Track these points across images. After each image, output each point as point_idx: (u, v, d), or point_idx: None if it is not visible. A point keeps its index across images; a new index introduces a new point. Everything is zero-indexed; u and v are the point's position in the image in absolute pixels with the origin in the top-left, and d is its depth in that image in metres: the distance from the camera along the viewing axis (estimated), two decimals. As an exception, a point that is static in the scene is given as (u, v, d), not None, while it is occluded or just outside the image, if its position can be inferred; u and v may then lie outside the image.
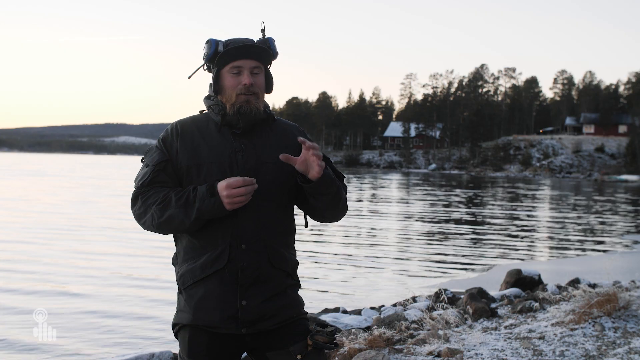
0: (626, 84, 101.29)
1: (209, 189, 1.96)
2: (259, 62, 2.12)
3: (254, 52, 2.09)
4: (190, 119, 2.18)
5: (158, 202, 2.01)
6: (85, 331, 6.06)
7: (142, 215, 2.05)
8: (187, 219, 1.97)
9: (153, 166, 2.07)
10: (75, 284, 8.23)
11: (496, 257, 11.66)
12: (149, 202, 2.03)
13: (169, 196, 2.00)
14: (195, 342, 2.06)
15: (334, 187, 2.07)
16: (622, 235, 16.09)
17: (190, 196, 1.97)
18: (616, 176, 66.20)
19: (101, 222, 16.02)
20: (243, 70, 2.08)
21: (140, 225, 2.10)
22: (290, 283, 2.14)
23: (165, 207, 1.99)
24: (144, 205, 2.04)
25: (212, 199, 1.94)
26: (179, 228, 2.02)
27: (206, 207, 1.94)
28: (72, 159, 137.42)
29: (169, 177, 2.07)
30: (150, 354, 4.48)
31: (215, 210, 1.95)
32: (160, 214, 2.00)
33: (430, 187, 41.53)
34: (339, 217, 2.21)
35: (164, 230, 2.06)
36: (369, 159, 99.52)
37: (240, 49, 2.07)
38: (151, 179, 2.06)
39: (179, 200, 1.98)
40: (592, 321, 4.89)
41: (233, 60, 2.08)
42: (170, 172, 2.08)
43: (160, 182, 2.06)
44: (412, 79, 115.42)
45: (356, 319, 5.66)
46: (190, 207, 1.96)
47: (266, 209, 2.07)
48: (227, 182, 1.93)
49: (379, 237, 14.53)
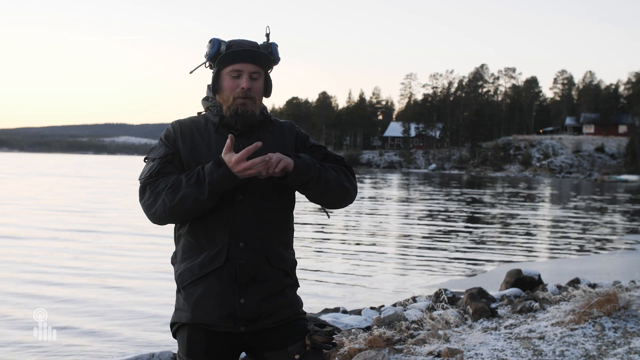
0: (626, 84, 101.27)
1: (215, 161, 1.96)
2: (259, 67, 2.12)
3: (255, 57, 2.10)
4: (189, 119, 2.19)
5: (168, 187, 2.00)
6: (85, 331, 6.06)
7: (152, 204, 2.03)
8: (201, 195, 1.96)
9: (160, 158, 2.08)
10: (75, 284, 8.23)
11: (496, 257, 11.66)
12: (159, 189, 2.02)
13: (179, 179, 2.01)
14: (194, 340, 2.06)
15: (315, 172, 2.05)
16: (622, 235, 16.09)
17: (200, 173, 1.98)
18: (616, 176, 66.19)
19: (101, 222, 16.02)
20: (242, 74, 2.09)
21: (149, 216, 2.07)
22: (289, 282, 2.14)
23: (177, 189, 1.98)
24: (154, 194, 2.02)
25: (220, 169, 1.94)
26: (193, 208, 1.99)
27: (217, 179, 1.94)
28: (73, 159, 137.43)
29: (176, 169, 2.08)
30: (150, 354, 4.48)
31: (226, 180, 1.95)
32: (172, 197, 1.98)
33: (430, 187, 41.53)
34: (343, 201, 2.18)
35: (176, 215, 2.02)
36: (369, 159, 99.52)
37: (241, 53, 2.08)
38: (159, 169, 2.06)
39: (189, 180, 1.98)
40: (592, 321, 4.89)
41: (233, 63, 2.09)
42: (177, 164, 2.09)
43: (168, 173, 2.06)
44: (412, 79, 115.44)
45: (356, 319, 5.65)
46: (202, 183, 1.96)
47: (265, 207, 2.08)
48: (236, 158, 1.92)
49: (379, 237, 14.53)
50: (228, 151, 1.95)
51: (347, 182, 2.17)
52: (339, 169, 2.18)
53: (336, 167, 2.17)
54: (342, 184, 2.14)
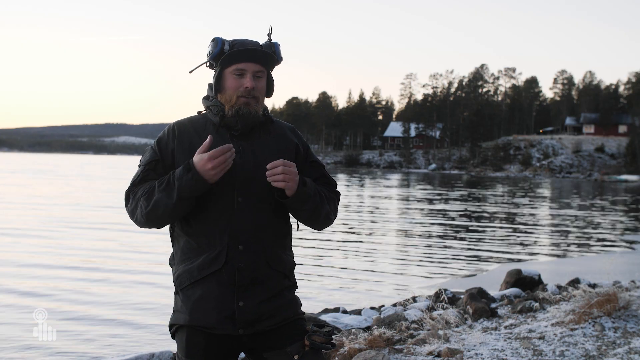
0: (626, 84, 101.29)
1: (185, 166, 1.96)
2: (263, 66, 2.12)
3: (259, 56, 2.09)
4: (188, 120, 2.18)
5: (145, 193, 2.02)
6: (85, 331, 6.06)
7: (134, 210, 2.05)
8: (169, 200, 1.95)
9: (144, 166, 2.09)
10: (75, 284, 8.22)
11: (496, 257, 11.66)
12: (138, 196, 2.04)
13: (153, 185, 2.02)
14: (193, 342, 2.06)
15: (311, 204, 2.07)
16: (622, 235, 16.09)
17: (170, 178, 1.98)
18: (616, 176, 66.18)
19: (101, 221, 16.01)
20: (246, 73, 2.08)
21: (134, 222, 2.10)
22: (287, 284, 2.14)
23: (150, 195, 2.00)
24: (134, 201, 2.05)
25: (189, 173, 1.93)
26: (165, 213, 1.99)
27: (185, 184, 1.93)
28: (74, 159, 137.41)
29: (158, 176, 2.08)
30: (150, 354, 4.48)
31: (196, 184, 1.94)
32: (146, 203, 2.00)
33: (430, 187, 41.52)
34: (321, 228, 2.21)
35: (153, 220, 2.03)
36: (369, 159, 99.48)
37: (245, 52, 2.07)
38: (141, 178, 2.08)
39: (160, 185, 1.99)
40: (592, 321, 4.89)
41: (237, 62, 2.07)
42: (160, 171, 2.09)
43: (150, 180, 2.07)
44: (412, 79, 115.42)
45: (356, 319, 5.65)
46: (171, 189, 1.96)
47: (263, 210, 2.07)
48: (208, 155, 1.91)
49: (379, 237, 14.53)
50: (201, 152, 1.95)
51: (333, 214, 2.20)
52: (330, 198, 2.19)
53: (329, 195, 2.19)
54: (328, 217, 2.17)
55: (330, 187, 2.23)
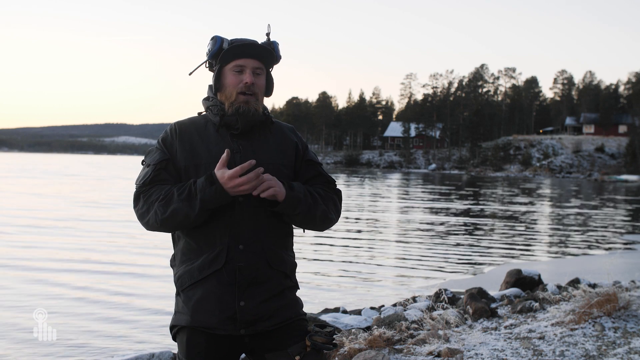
0: (626, 84, 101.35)
1: (207, 177, 1.95)
2: (262, 63, 2.12)
3: (258, 52, 2.10)
4: (188, 120, 2.18)
5: (160, 199, 1.99)
6: (85, 331, 6.06)
7: (145, 214, 2.03)
8: (191, 211, 1.95)
9: (154, 165, 2.06)
10: (75, 284, 8.22)
11: (496, 257, 11.65)
12: (152, 200, 2.01)
13: (171, 191, 1.99)
14: (194, 343, 2.05)
15: (303, 207, 2.05)
16: (622, 235, 16.09)
17: (192, 189, 1.96)
18: (616, 176, 66.19)
19: (101, 220, 16.02)
20: (245, 69, 2.09)
21: (143, 224, 2.08)
22: (289, 285, 2.14)
23: (168, 202, 1.97)
24: (147, 204, 2.02)
25: (213, 187, 1.93)
26: (184, 222, 1.99)
27: (208, 196, 1.93)
28: (74, 159, 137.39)
29: (170, 176, 2.07)
30: (150, 354, 4.48)
31: (218, 197, 1.94)
32: (163, 210, 1.98)
33: (431, 187, 41.52)
34: (322, 229, 2.18)
35: (168, 227, 2.03)
36: (369, 159, 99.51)
37: (244, 48, 2.08)
38: (152, 177, 2.05)
39: (181, 194, 1.97)
40: (592, 321, 4.89)
41: (236, 58, 2.08)
42: (172, 170, 2.08)
43: (162, 180, 2.05)
44: (412, 79, 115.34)
45: (356, 319, 5.65)
46: (193, 199, 1.95)
47: (264, 210, 2.07)
48: (229, 174, 1.91)
49: (379, 237, 14.53)
50: (222, 167, 1.94)
51: (334, 213, 2.16)
52: (328, 197, 2.16)
53: (325, 195, 2.16)
54: (327, 217, 2.14)
55: (328, 185, 2.21)
